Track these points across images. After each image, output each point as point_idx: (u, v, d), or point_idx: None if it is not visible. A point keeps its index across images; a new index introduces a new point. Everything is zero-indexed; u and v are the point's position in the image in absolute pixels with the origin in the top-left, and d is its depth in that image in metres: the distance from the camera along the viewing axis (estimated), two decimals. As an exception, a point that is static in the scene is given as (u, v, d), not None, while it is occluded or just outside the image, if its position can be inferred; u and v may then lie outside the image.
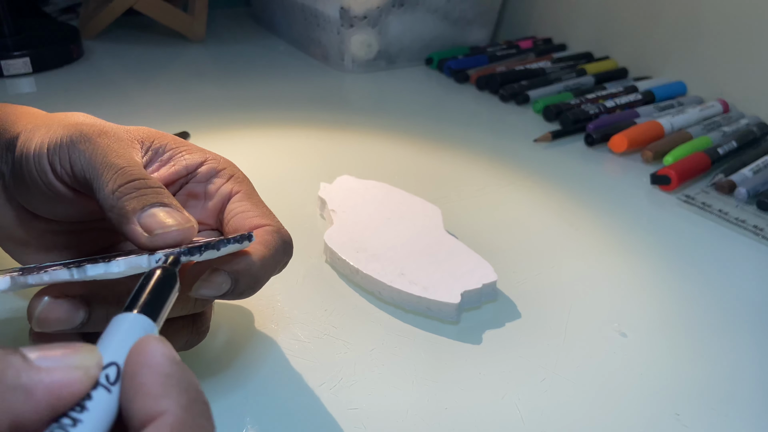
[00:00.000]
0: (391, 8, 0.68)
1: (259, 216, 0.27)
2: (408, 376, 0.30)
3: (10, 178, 0.28)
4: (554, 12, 0.79)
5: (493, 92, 0.66)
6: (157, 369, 0.16)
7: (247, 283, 0.24)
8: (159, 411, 0.16)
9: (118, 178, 0.24)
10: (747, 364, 0.33)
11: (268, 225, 0.27)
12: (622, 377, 0.31)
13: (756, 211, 0.46)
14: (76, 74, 0.67)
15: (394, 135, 0.56)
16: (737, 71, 0.62)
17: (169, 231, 0.23)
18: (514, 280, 0.37)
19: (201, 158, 0.29)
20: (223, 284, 0.24)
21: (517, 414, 0.29)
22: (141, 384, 0.16)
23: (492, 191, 0.48)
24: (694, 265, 0.41)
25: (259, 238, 0.26)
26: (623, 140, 0.54)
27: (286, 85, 0.67)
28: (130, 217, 0.23)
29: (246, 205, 0.28)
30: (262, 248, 0.25)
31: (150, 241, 0.23)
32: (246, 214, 0.28)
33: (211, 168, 0.29)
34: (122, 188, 0.24)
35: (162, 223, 0.23)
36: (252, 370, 0.30)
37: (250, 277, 0.25)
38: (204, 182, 0.29)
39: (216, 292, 0.24)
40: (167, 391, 0.16)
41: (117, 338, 0.17)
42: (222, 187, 0.29)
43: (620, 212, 0.46)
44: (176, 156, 0.29)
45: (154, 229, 0.23)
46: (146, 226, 0.23)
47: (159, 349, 0.17)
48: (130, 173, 0.25)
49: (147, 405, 0.16)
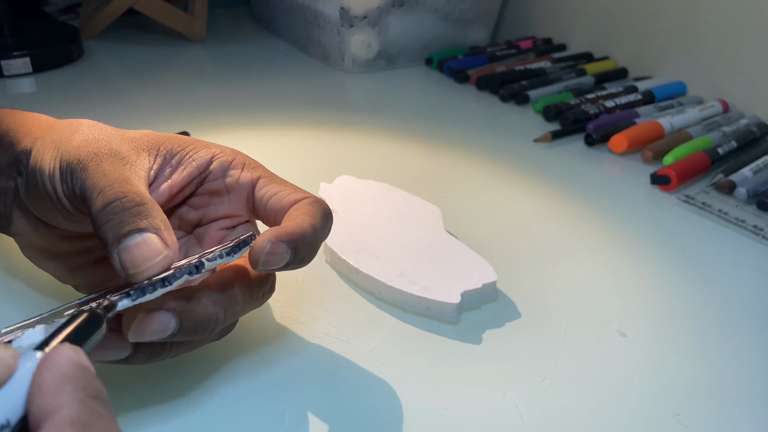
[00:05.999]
0: (391, 8, 0.68)
1: (292, 192, 0.28)
2: (408, 376, 0.30)
3: (25, 190, 0.28)
4: (554, 12, 0.79)
5: (493, 92, 0.66)
6: (57, 369, 0.17)
7: (305, 251, 0.26)
8: (55, 407, 0.16)
9: (98, 200, 0.24)
10: (747, 364, 0.33)
11: (305, 197, 0.28)
12: (622, 377, 0.31)
13: (756, 211, 0.46)
14: (76, 74, 0.67)
15: (394, 135, 0.56)
16: (737, 71, 0.62)
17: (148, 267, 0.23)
18: (514, 280, 0.37)
19: (209, 155, 0.29)
20: (285, 254, 0.25)
21: (517, 414, 0.29)
22: (40, 384, 0.17)
23: (492, 191, 0.48)
24: (694, 265, 0.41)
25: (302, 209, 0.27)
26: (623, 140, 0.54)
27: (286, 85, 0.67)
28: (111, 251, 0.24)
29: (274, 186, 0.29)
30: (309, 218, 0.27)
31: (132, 278, 0.23)
32: (280, 195, 0.28)
33: (222, 162, 0.29)
34: (101, 213, 0.24)
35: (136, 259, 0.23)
36: (251, 370, 0.30)
37: (307, 245, 0.26)
38: (220, 178, 0.29)
39: (280, 262, 0.25)
40: (63, 388, 0.16)
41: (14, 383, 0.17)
42: (240, 177, 0.29)
43: (620, 212, 0.46)
44: (185, 158, 0.29)
45: (128, 269, 0.23)
46: (123, 263, 0.23)
47: (65, 354, 0.17)
48: (108, 195, 0.24)
49: (44, 402, 0.16)
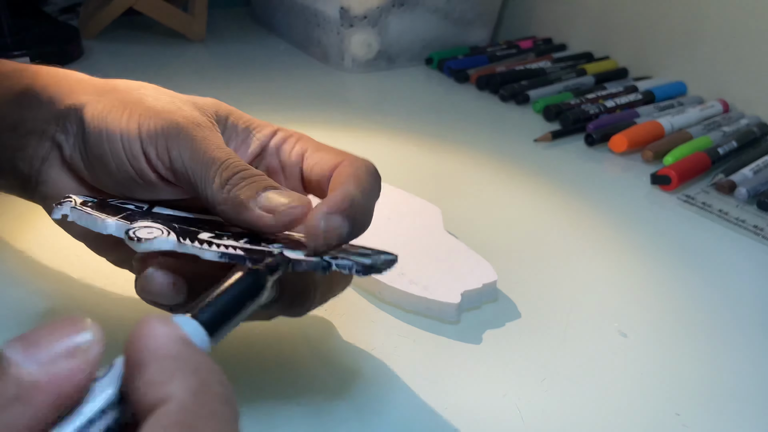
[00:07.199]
0: (391, 8, 0.68)
1: (334, 156, 0.27)
2: (408, 376, 0.30)
3: (79, 154, 0.27)
4: (554, 12, 0.79)
5: (493, 92, 0.66)
6: (160, 351, 0.15)
7: (361, 218, 0.24)
8: (162, 398, 0.14)
9: (223, 172, 0.25)
10: (747, 364, 0.33)
11: (342, 160, 0.27)
12: (622, 377, 0.31)
13: (756, 211, 0.46)
14: (76, 74, 0.67)
15: (394, 135, 0.56)
16: (737, 71, 0.62)
17: (293, 207, 0.24)
18: (514, 280, 0.37)
19: (271, 132, 0.29)
20: (342, 227, 0.23)
21: (517, 414, 0.29)
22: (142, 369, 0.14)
23: (492, 191, 0.48)
24: (694, 265, 0.41)
25: (344, 173, 0.26)
26: (623, 140, 0.54)
27: (286, 85, 0.67)
28: (248, 204, 0.24)
29: (319, 154, 0.28)
30: (354, 179, 0.25)
31: (275, 219, 0.24)
32: (321, 162, 0.27)
33: (279, 138, 0.29)
34: (231, 181, 0.24)
35: (281, 201, 0.24)
36: (250, 370, 0.30)
37: (360, 210, 0.24)
38: (275, 155, 0.29)
39: (340, 236, 0.23)
40: (171, 376, 0.14)
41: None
42: (292, 151, 0.29)
43: (620, 212, 0.46)
44: (251, 135, 0.29)
45: (276, 207, 0.24)
46: (267, 208, 0.24)
47: (161, 330, 0.15)
48: (234, 165, 0.25)
49: (149, 393, 0.14)
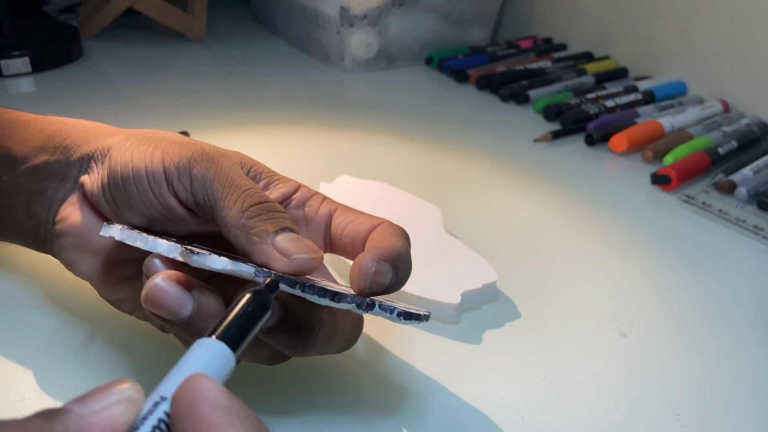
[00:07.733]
0: (391, 8, 0.68)
1: (369, 219, 0.28)
2: (408, 377, 0.30)
3: (102, 188, 0.27)
4: (554, 12, 0.79)
5: (493, 92, 0.66)
6: (216, 402, 0.16)
7: (404, 269, 0.25)
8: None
9: (246, 199, 0.24)
10: (747, 364, 0.33)
11: (383, 221, 0.27)
12: (622, 377, 0.31)
13: (756, 211, 0.46)
14: (76, 74, 0.67)
15: (394, 135, 0.56)
16: (737, 71, 0.62)
17: (309, 258, 0.23)
18: (514, 280, 0.37)
19: (294, 186, 0.29)
20: (388, 273, 0.24)
21: (517, 414, 0.29)
22: (201, 417, 0.16)
23: (492, 191, 0.48)
24: (694, 265, 0.41)
25: (386, 232, 0.26)
26: (623, 140, 0.54)
27: (286, 85, 0.67)
28: (264, 237, 0.23)
29: (351, 215, 0.28)
30: (395, 239, 0.26)
31: (287, 264, 0.23)
32: (357, 221, 0.28)
33: (304, 193, 0.29)
34: (252, 209, 0.24)
35: (299, 248, 0.24)
36: (249, 370, 0.30)
37: (405, 263, 0.25)
38: (300, 207, 0.29)
39: (385, 281, 0.24)
40: (231, 421, 0.16)
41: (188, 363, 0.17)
42: (320, 208, 0.29)
43: (620, 212, 0.46)
44: (271, 184, 0.28)
45: (291, 253, 0.23)
46: (282, 249, 0.23)
47: (211, 384, 0.16)
48: (257, 195, 0.25)
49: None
